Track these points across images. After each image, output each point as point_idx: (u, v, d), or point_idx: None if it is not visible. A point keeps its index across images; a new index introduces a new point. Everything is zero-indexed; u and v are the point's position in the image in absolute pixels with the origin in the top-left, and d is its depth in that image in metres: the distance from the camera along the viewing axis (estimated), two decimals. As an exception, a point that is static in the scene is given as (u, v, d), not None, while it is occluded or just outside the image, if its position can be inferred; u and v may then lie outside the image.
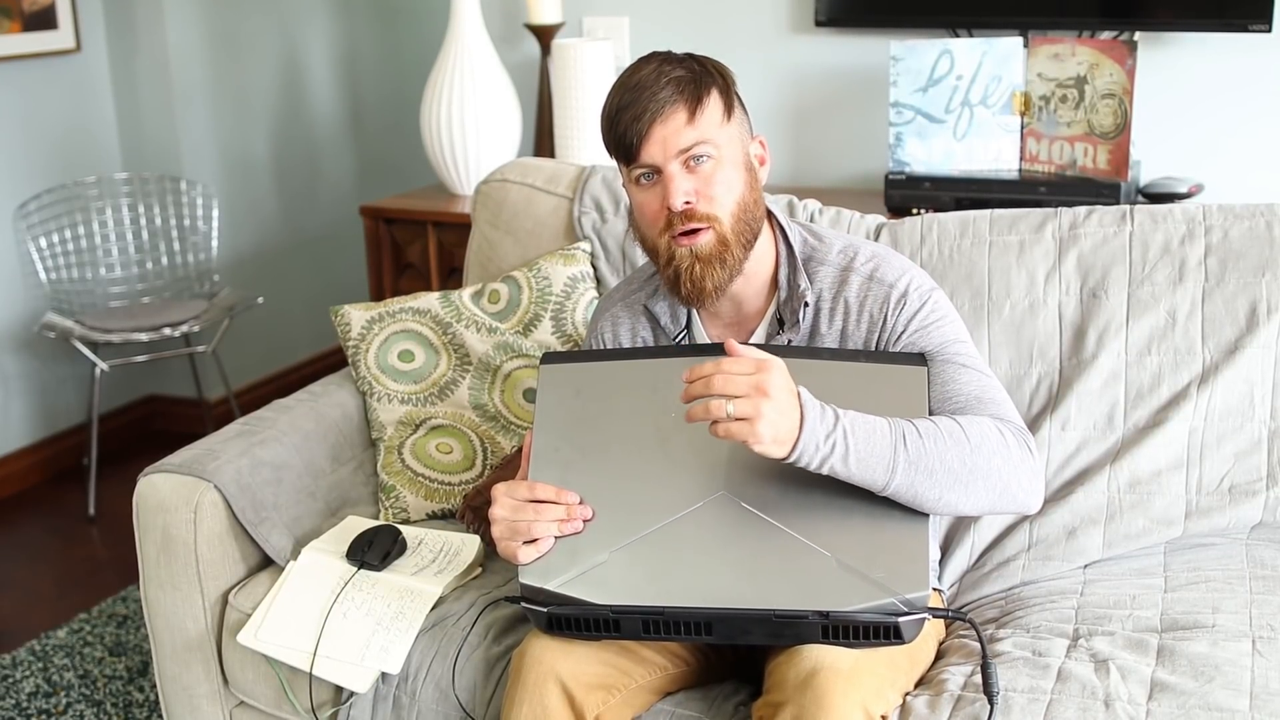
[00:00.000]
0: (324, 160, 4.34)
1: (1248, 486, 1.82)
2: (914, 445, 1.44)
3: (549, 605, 1.50)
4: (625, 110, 1.58)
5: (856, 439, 1.42)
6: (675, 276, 1.61)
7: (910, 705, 1.52)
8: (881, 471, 1.43)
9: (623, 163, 1.62)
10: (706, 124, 1.58)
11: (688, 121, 1.57)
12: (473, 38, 3.18)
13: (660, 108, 1.56)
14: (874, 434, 1.43)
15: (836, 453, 1.41)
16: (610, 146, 1.62)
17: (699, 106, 1.58)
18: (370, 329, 2.22)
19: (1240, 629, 1.60)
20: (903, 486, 1.44)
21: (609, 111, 1.60)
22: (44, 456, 3.73)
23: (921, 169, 2.76)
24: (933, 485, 1.45)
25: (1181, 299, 1.88)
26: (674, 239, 1.59)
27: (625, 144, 1.58)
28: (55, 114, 3.67)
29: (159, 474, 1.94)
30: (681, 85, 1.58)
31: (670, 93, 1.57)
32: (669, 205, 1.57)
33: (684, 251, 1.59)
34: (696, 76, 1.60)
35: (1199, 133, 2.77)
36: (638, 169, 1.60)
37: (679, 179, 1.57)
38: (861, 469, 1.42)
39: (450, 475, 2.11)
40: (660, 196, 1.59)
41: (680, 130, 1.57)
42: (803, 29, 3.07)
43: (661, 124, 1.56)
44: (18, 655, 2.76)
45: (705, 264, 1.59)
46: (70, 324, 3.40)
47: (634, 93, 1.58)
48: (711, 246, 1.59)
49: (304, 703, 1.81)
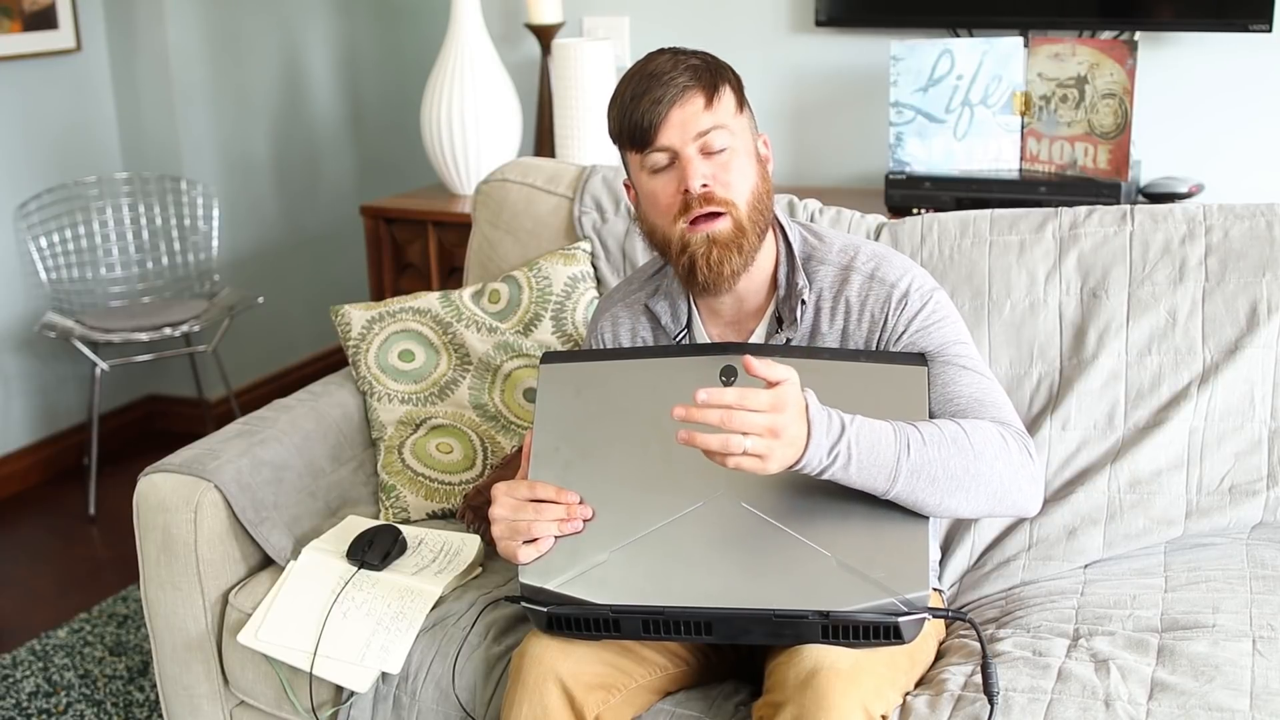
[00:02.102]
0: (324, 160, 4.34)
1: (1248, 486, 1.82)
2: (917, 452, 1.44)
3: (549, 605, 1.50)
4: (642, 96, 1.57)
5: (861, 448, 1.41)
6: (691, 264, 1.59)
7: (910, 705, 1.52)
8: (884, 479, 1.43)
9: (635, 150, 1.60)
10: (722, 112, 1.58)
11: (706, 107, 1.57)
12: (473, 37, 3.18)
13: (680, 91, 1.56)
14: (879, 442, 1.43)
15: (838, 462, 1.41)
16: (623, 135, 1.60)
17: (716, 94, 1.58)
18: (370, 329, 2.22)
19: (1240, 629, 1.60)
20: (904, 492, 1.44)
21: (622, 99, 1.59)
22: (44, 456, 3.73)
23: (922, 169, 2.76)
24: (934, 491, 1.45)
25: (1182, 299, 1.88)
26: (689, 225, 1.58)
27: (642, 128, 1.57)
28: (56, 114, 3.67)
29: (159, 474, 1.94)
30: (698, 73, 1.58)
31: (688, 78, 1.57)
32: (687, 187, 1.56)
33: (699, 238, 1.58)
34: (712, 67, 1.60)
35: (1199, 133, 2.77)
36: (653, 153, 1.58)
37: (697, 162, 1.57)
38: (863, 476, 1.43)
39: (450, 475, 2.11)
40: (676, 182, 1.58)
41: (699, 114, 1.56)
42: (803, 28, 3.07)
43: (680, 108, 1.56)
44: (18, 655, 2.76)
45: (723, 249, 1.58)
46: (71, 324, 3.40)
47: (650, 80, 1.57)
48: (729, 232, 1.58)
49: (304, 702, 1.81)
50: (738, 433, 1.34)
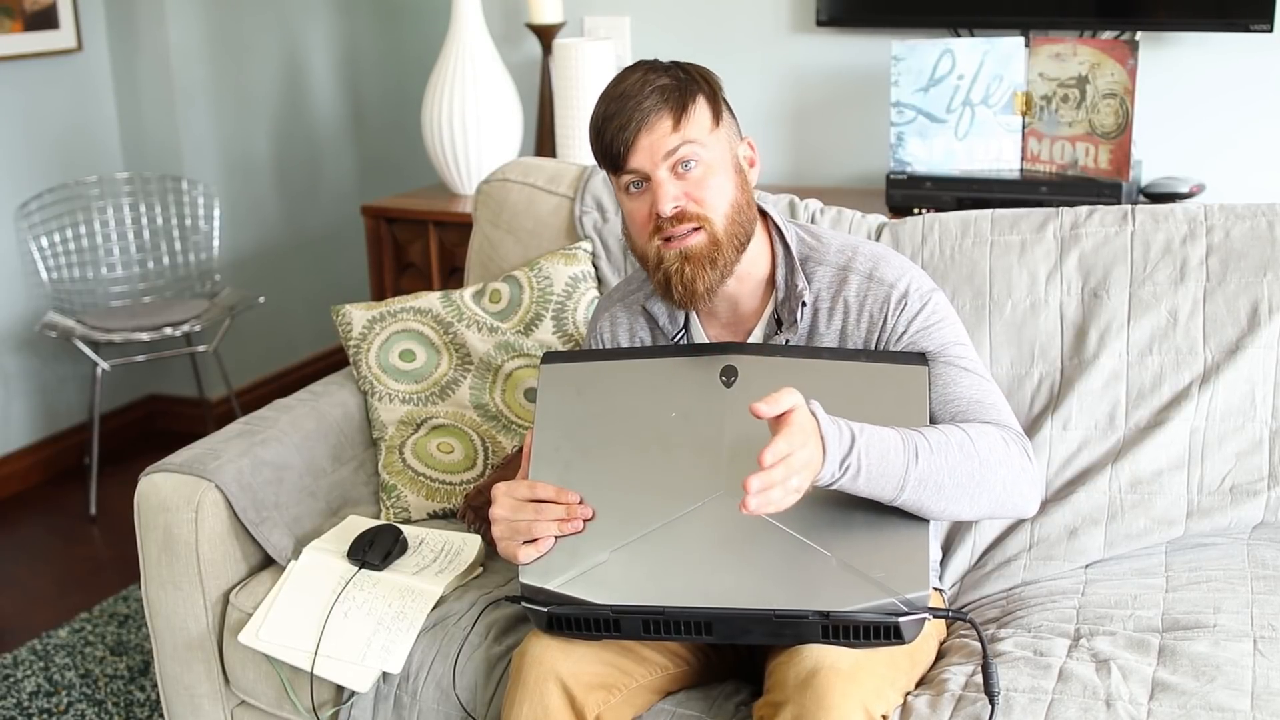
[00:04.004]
0: (325, 160, 4.34)
1: (1249, 486, 1.82)
2: (925, 460, 1.44)
3: (549, 605, 1.50)
4: (611, 120, 1.57)
5: (870, 459, 1.41)
6: (665, 281, 1.60)
7: (911, 705, 1.52)
8: (892, 488, 1.44)
9: (611, 172, 1.62)
10: (693, 130, 1.58)
11: (673, 128, 1.57)
12: (474, 37, 3.18)
13: (645, 116, 1.56)
14: (888, 452, 1.43)
15: (849, 474, 1.41)
16: (599, 156, 1.62)
17: (684, 114, 1.57)
18: (371, 328, 2.22)
19: (1241, 629, 1.60)
20: (911, 500, 1.45)
21: (596, 122, 1.60)
22: (45, 456, 3.73)
23: (923, 169, 2.76)
24: (940, 498, 1.46)
25: (1183, 299, 1.88)
26: (664, 243, 1.58)
27: (612, 153, 1.58)
28: (56, 113, 3.67)
29: (160, 473, 1.94)
30: (666, 93, 1.57)
31: (655, 101, 1.56)
32: (658, 211, 1.57)
33: (673, 254, 1.58)
34: (681, 84, 1.59)
35: (1200, 133, 2.77)
36: (626, 177, 1.60)
37: (667, 185, 1.57)
38: (872, 486, 1.43)
39: (451, 475, 2.11)
40: (649, 203, 1.58)
41: (666, 137, 1.56)
42: (804, 28, 3.07)
43: (647, 132, 1.56)
44: (19, 655, 2.76)
45: (696, 265, 1.58)
46: (71, 323, 3.40)
47: (619, 102, 1.57)
48: (703, 247, 1.58)
49: (305, 702, 1.81)
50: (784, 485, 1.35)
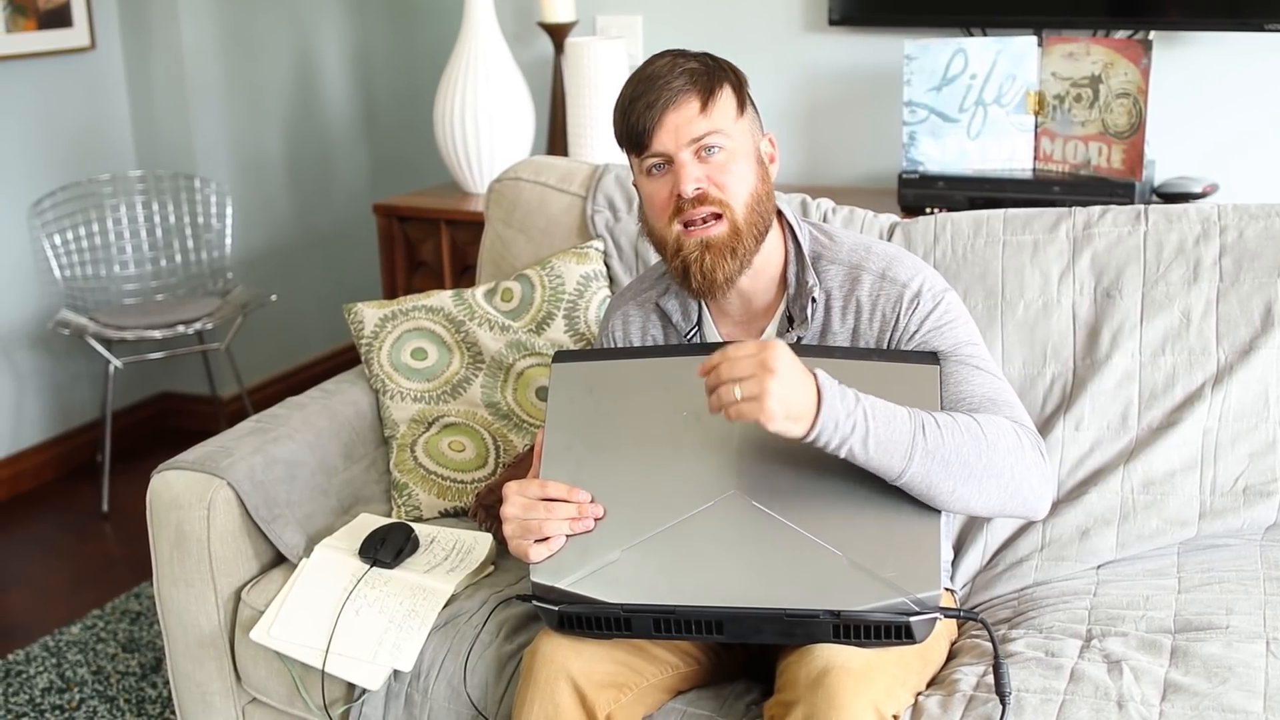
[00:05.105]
0: (337, 158, 4.35)
1: (1262, 487, 1.82)
2: (933, 435, 1.43)
3: (560, 604, 1.50)
4: (639, 99, 1.58)
5: (876, 421, 1.41)
6: (684, 268, 1.60)
7: (922, 705, 1.52)
8: (899, 458, 1.42)
9: (634, 153, 1.62)
10: (718, 115, 1.58)
11: (700, 111, 1.57)
12: (486, 36, 3.19)
13: (674, 96, 1.57)
14: (894, 419, 1.42)
15: (857, 433, 1.40)
16: (622, 138, 1.62)
17: (711, 98, 1.58)
18: (383, 327, 2.22)
19: (1254, 630, 1.59)
20: (918, 475, 1.43)
21: (622, 102, 1.61)
22: (58, 453, 3.75)
23: (935, 168, 2.76)
24: (947, 477, 1.44)
25: (1196, 299, 1.88)
26: (684, 230, 1.59)
27: (637, 132, 1.59)
28: (70, 112, 3.68)
29: (172, 471, 1.94)
30: (695, 77, 1.59)
31: (684, 82, 1.58)
32: (679, 192, 1.57)
33: (693, 242, 1.59)
34: (710, 70, 1.61)
35: (1214, 132, 2.76)
36: (649, 158, 1.60)
37: (690, 166, 1.57)
38: (880, 453, 1.41)
39: (463, 473, 2.11)
40: (670, 185, 1.59)
41: (693, 119, 1.57)
42: (816, 28, 3.06)
43: (674, 112, 1.57)
44: (31, 651, 2.77)
45: (716, 254, 1.58)
46: (84, 321, 3.41)
47: (648, 83, 1.59)
48: (724, 237, 1.58)
49: (316, 700, 1.82)
50: (731, 383, 1.37)
